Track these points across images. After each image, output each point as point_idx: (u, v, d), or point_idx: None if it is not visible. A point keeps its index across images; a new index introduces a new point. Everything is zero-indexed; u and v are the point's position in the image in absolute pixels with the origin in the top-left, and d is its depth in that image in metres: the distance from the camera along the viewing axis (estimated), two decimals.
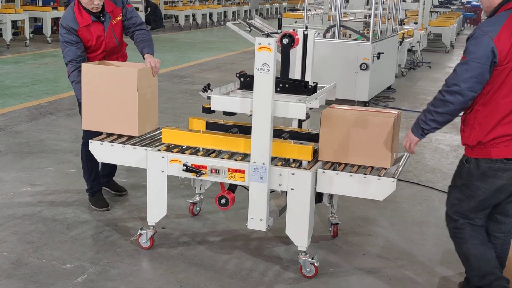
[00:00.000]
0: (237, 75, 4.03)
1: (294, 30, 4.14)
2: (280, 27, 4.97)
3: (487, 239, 3.56)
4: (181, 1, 24.94)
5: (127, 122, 4.36)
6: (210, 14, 24.68)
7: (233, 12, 26.82)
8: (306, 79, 4.29)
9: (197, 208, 4.90)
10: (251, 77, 3.82)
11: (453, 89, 3.24)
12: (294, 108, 3.76)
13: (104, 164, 5.17)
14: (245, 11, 28.20)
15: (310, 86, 3.94)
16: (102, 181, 5.23)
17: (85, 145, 4.77)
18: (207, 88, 4.10)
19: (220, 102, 3.89)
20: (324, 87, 4.19)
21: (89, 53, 4.72)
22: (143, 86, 4.37)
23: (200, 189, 4.76)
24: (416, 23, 14.92)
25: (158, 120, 4.71)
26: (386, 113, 4.00)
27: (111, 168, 5.25)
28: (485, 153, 3.33)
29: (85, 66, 4.45)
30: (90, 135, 4.57)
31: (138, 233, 4.30)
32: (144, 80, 4.39)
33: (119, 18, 4.77)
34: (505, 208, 3.51)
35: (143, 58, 4.69)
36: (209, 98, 3.96)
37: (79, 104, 4.87)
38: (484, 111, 3.29)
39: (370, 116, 3.81)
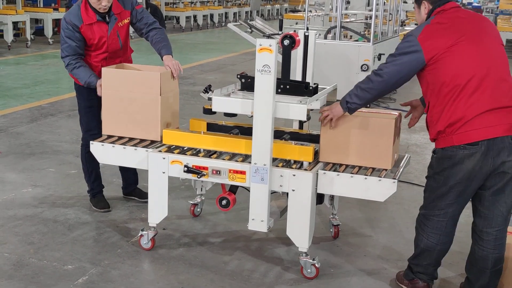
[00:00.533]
0: (238, 76, 4.04)
1: (295, 31, 4.14)
2: (281, 29, 4.98)
3: (450, 235, 3.71)
4: (182, 2, 24.96)
5: (149, 126, 4.29)
6: (211, 15, 24.71)
7: (234, 13, 26.84)
8: (307, 80, 4.29)
9: (198, 209, 4.90)
10: (252, 79, 3.82)
11: (377, 72, 3.63)
12: (295, 109, 3.76)
13: (125, 174, 5.15)
14: (246, 12, 28.22)
15: (311, 87, 3.95)
16: (127, 192, 5.22)
17: (85, 147, 4.77)
18: (208, 89, 4.11)
19: (221, 103, 3.89)
20: (325, 88, 4.19)
21: (91, 52, 4.70)
22: (165, 89, 4.33)
23: (201, 190, 4.76)
24: (417, 24, 14.93)
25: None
26: (387, 114, 4.00)
27: (134, 176, 5.20)
28: (447, 141, 3.46)
29: (105, 70, 4.39)
30: (90, 136, 4.57)
31: (139, 234, 4.30)
32: (166, 83, 4.34)
33: (126, 21, 4.74)
34: (488, 200, 3.53)
35: (162, 60, 4.66)
36: (210, 99, 3.97)
37: (79, 105, 4.86)
38: (435, 104, 3.50)
39: (370, 117, 3.82)
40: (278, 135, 4.12)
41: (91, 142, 4.36)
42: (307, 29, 8.98)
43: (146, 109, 4.28)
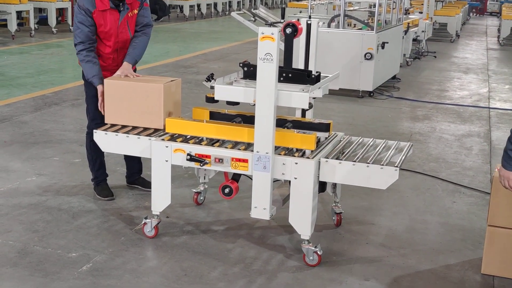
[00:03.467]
0: (241, 64, 4.04)
1: (298, 20, 4.15)
2: (283, 17, 4.98)
3: None
4: None
5: (152, 115, 4.32)
6: (215, 4, 24.64)
7: (238, 2, 26.77)
8: (310, 68, 4.30)
9: (201, 198, 4.92)
10: (255, 67, 3.83)
11: None
12: (297, 98, 3.77)
13: (129, 163, 5.17)
14: (250, 1, 28.15)
15: (313, 76, 3.95)
16: (130, 180, 5.23)
17: (90, 135, 4.79)
18: (210, 77, 4.11)
19: (224, 91, 3.91)
20: (327, 76, 4.20)
21: (102, 41, 4.71)
22: (167, 79, 4.38)
23: (204, 178, 4.78)
24: (421, 12, 14.88)
25: None
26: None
27: (138, 165, 5.20)
28: None
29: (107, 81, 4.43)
30: (95, 125, 4.59)
31: (143, 222, 4.33)
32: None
33: (136, 11, 4.77)
34: None
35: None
36: (212, 87, 3.98)
37: (87, 94, 4.87)
38: None
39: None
40: (281, 123, 4.13)
41: (94, 130, 4.38)
42: (310, 17, 8.97)
43: (149, 98, 4.30)
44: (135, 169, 5.21)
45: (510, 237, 3.88)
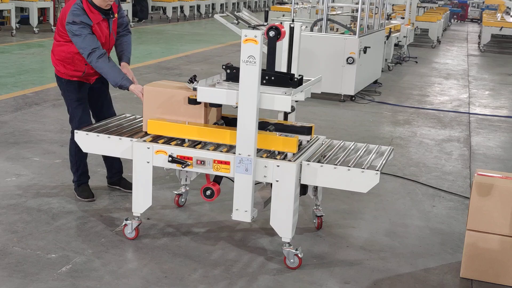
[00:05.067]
0: (223, 67, 4.04)
1: (281, 23, 4.16)
2: (266, 20, 4.99)
3: None
4: None
5: (194, 122, 4.16)
6: (198, 6, 24.62)
7: (221, 5, 26.76)
8: (292, 72, 4.31)
9: (182, 200, 4.91)
10: (237, 69, 3.83)
11: None
12: (280, 101, 3.78)
13: (109, 163, 5.12)
14: (233, 3, 28.15)
15: (296, 79, 3.96)
16: (111, 181, 5.19)
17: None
18: (193, 79, 4.11)
19: (206, 93, 3.91)
20: (310, 80, 4.21)
21: None
22: None
23: (186, 180, 4.77)
24: (403, 18, 14.98)
25: None
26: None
27: (118, 164, 5.15)
28: None
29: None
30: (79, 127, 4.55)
31: (123, 224, 4.31)
32: None
33: (116, 15, 4.77)
34: None
35: (119, 64, 4.71)
36: (195, 89, 3.97)
37: (69, 100, 4.80)
38: None
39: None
40: (263, 126, 4.13)
41: (75, 131, 4.35)
42: (293, 21, 9.00)
43: (190, 106, 4.14)
44: (116, 169, 5.18)
45: (489, 242, 3.92)
